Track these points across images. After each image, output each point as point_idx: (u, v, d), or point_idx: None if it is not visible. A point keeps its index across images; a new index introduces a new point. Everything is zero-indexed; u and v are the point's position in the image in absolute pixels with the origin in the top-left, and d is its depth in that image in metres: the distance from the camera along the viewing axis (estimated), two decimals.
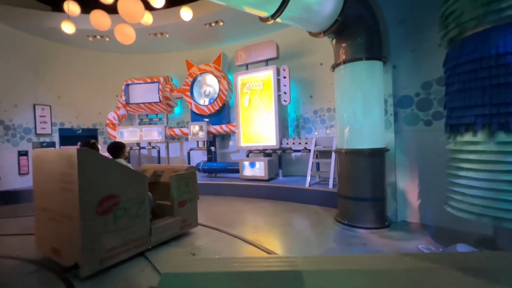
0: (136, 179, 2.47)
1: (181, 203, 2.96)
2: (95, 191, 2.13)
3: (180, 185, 2.94)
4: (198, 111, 6.77)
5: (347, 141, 3.30)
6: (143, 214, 2.49)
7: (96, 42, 6.54)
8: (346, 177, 3.33)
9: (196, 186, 3.17)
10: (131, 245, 2.38)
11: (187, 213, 3.02)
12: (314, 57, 5.82)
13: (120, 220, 2.29)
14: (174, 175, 2.89)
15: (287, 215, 3.97)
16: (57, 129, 6.68)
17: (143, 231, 2.50)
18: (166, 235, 2.77)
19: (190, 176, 3.09)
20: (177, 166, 3.29)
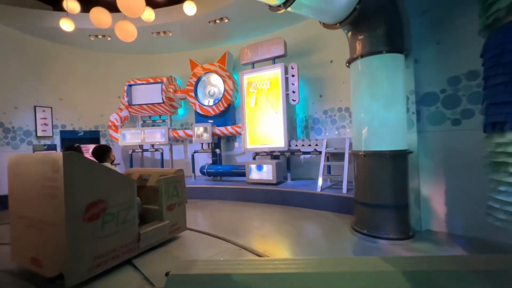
0: (124, 184, 2.39)
1: (170, 207, 2.92)
2: (81, 197, 2.03)
3: (168, 189, 2.89)
4: (202, 112, 6.53)
5: (365, 143, 3.01)
6: (132, 220, 2.43)
7: (98, 42, 6.37)
8: (364, 182, 3.03)
9: (184, 189, 3.15)
10: (119, 251, 2.31)
11: (176, 217, 2.98)
12: (324, 55, 5.54)
13: (108, 226, 2.21)
14: (163, 179, 2.83)
15: (298, 223, 3.68)
16: (59, 132, 6.51)
17: (132, 236, 2.43)
18: (155, 240, 2.71)
19: (178, 179, 3.05)
20: (164, 170, 3.21)
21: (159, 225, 2.74)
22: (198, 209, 4.72)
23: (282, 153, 5.50)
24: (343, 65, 5.40)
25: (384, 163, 2.86)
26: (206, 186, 5.52)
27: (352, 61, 3.18)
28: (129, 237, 2.41)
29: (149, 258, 2.55)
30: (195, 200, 5.33)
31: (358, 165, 3.14)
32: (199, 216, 4.38)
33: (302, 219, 3.81)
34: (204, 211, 4.53)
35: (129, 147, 6.89)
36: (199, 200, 5.36)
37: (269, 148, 5.48)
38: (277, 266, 0.93)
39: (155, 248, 2.75)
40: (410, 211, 2.99)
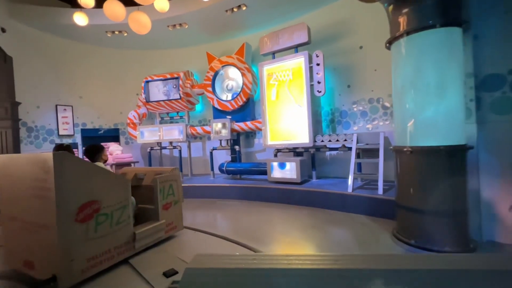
0: (118, 183, 2.36)
1: (166, 206, 2.89)
2: (73, 197, 1.99)
3: (164, 188, 2.87)
4: (220, 107, 6.25)
5: (412, 137, 2.53)
6: (126, 220, 2.40)
7: (114, 38, 6.27)
8: (411, 183, 2.56)
9: (180, 188, 3.13)
10: (114, 252, 2.28)
11: (172, 216, 2.96)
12: (352, 40, 5.00)
13: (102, 226, 2.18)
14: (158, 178, 2.80)
15: (328, 228, 3.27)
16: (79, 130, 6.54)
17: (127, 237, 2.41)
18: (151, 240, 2.67)
19: (174, 178, 3.03)
20: (160, 168, 3.22)
21: (155, 225, 2.70)
22: (217, 209, 4.45)
23: (306, 150, 5.08)
24: (375, 50, 4.93)
25: (437, 161, 2.38)
26: (225, 185, 5.24)
27: (394, 40, 2.69)
28: (124, 237, 2.37)
29: (145, 258, 2.51)
30: (214, 200, 5.08)
31: (402, 163, 2.67)
32: (218, 217, 4.10)
33: (332, 224, 3.40)
34: (223, 212, 4.25)
35: (148, 145, 6.79)
36: (218, 199, 5.10)
37: (292, 145, 5.07)
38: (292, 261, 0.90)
39: (151, 248, 2.70)
40: (469, 219, 2.48)
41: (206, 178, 6.20)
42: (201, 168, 7.06)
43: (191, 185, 5.46)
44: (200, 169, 7.05)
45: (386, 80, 4.61)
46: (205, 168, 7.00)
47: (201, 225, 3.59)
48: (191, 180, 6.04)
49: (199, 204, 4.82)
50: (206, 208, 4.56)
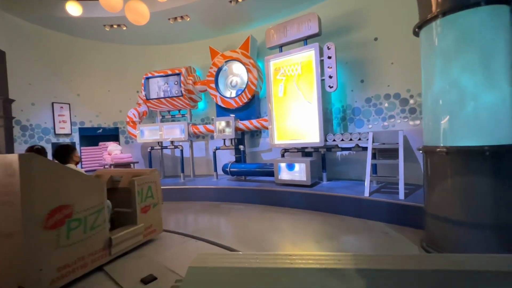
0: (92, 186, 2.24)
1: (144, 209, 2.79)
2: (42, 203, 1.84)
3: (142, 190, 2.77)
4: (224, 105, 5.92)
5: (448, 136, 2.17)
6: (101, 224, 2.28)
7: (113, 32, 5.98)
8: (446, 189, 2.20)
9: (159, 190, 3.03)
10: (88, 259, 2.16)
11: (151, 219, 2.86)
12: (366, 32, 4.64)
13: (74, 232, 2.05)
14: (136, 179, 2.70)
15: (346, 238, 2.92)
16: (77, 129, 6.26)
17: (102, 242, 2.29)
18: (128, 245, 2.55)
19: (153, 179, 2.93)
20: (138, 170, 3.11)
21: (133, 229, 2.60)
22: (221, 214, 4.13)
23: (316, 150, 4.73)
24: (391, 41, 4.48)
25: (479, 163, 2.02)
26: (229, 187, 4.92)
27: (425, 24, 2.33)
28: (99, 243, 2.26)
29: (122, 264, 2.38)
30: (218, 203, 4.75)
31: (434, 165, 2.31)
32: (222, 223, 3.78)
33: (350, 233, 3.05)
34: (228, 218, 3.92)
35: (148, 145, 6.49)
36: (222, 203, 4.78)
37: (301, 144, 4.72)
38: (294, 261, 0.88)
39: (129, 253, 2.57)
40: None
41: (209, 179, 5.88)
42: (203, 168, 6.74)
43: (193, 187, 5.15)
44: (202, 169, 6.74)
45: (404, 73, 4.24)
46: (208, 168, 6.69)
47: (203, 232, 3.27)
48: (193, 181, 5.73)
49: (202, 208, 4.51)
50: (210, 212, 4.24)
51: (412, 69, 4.16)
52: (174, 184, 5.45)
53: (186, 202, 4.97)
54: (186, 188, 5.18)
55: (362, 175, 4.70)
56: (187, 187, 5.19)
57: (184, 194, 5.12)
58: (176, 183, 5.57)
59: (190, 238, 3.00)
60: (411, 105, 4.21)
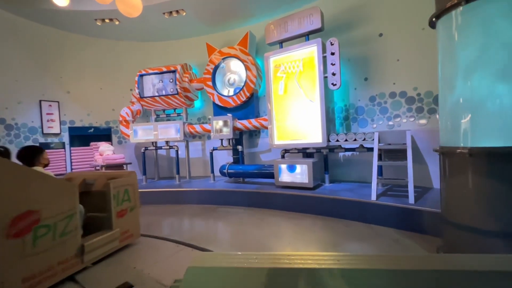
0: (62, 190, 2.10)
1: (120, 213, 2.67)
2: (3, 209, 1.69)
3: (118, 193, 2.64)
4: (221, 104, 5.69)
5: (471, 136, 1.97)
6: (73, 230, 2.15)
7: (106, 28, 5.70)
8: (468, 194, 1.99)
9: (137, 193, 2.90)
10: (57, 268, 2.01)
11: (127, 223, 2.74)
12: (370, 27, 4.44)
13: (43, 240, 1.90)
14: (111, 182, 2.57)
15: (353, 246, 2.71)
16: (67, 128, 5.97)
17: (73, 250, 2.16)
18: (103, 251, 2.43)
19: (129, 182, 2.81)
20: (113, 172, 3.04)
21: (108, 234, 2.47)
22: (218, 219, 3.89)
23: (318, 151, 4.52)
24: (397, 37, 4.19)
25: (509, 166, 1.81)
26: (227, 189, 4.68)
27: (443, 14, 2.12)
28: (71, 250, 2.13)
29: (96, 272, 2.26)
30: (215, 207, 4.51)
31: (454, 168, 2.10)
32: (219, 229, 3.54)
33: (357, 240, 2.84)
34: (226, 223, 3.69)
35: (142, 145, 6.22)
36: (219, 206, 4.54)
37: (303, 145, 4.51)
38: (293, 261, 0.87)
39: (104, 260, 2.45)
40: None
41: (205, 181, 5.63)
42: (200, 170, 6.49)
43: (189, 189, 4.90)
44: (199, 171, 6.49)
45: (411, 71, 4.06)
46: (205, 170, 6.44)
47: (199, 238, 3.04)
48: (189, 183, 5.48)
49: (198, 212, 4.26)
50: (206, 216, 4.00)
51: (419, 66, 3.97)
52: (169, 186, 5.20)
53: (181, 205, 4.73)
54: (181, 191, 4.92)
55: (365, 177, 4.52)
56: (182, 190, 4.94)
57: (179, 196, 4.87)
58: (171, 185, 5.32)
59: (171, 242, 2.88)
60: (417, 104, 4.02)
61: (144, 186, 5.46)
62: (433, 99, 3.87)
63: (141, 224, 3.85)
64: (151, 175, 6.37)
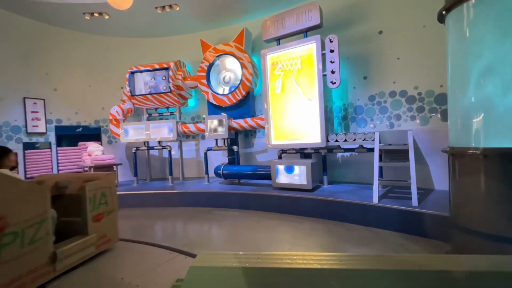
0: (31, 194, 1.98)
1: (97, 217, 2.56)
2: None
3: (95, 196, 2.55)
4: (216, 102, 5.50)
5: (485, 136, 1.85)
6: (44, 237, 2.03)
7: (95, 22, 5.44)
8: (482, 198, 1.88)
9: (115, 196, 2.81)
10: (26, 278, 1.89)
11: (105, 228, 2.63)
12: (370, 25, 4.34)
13: (9, 248, 1.77)
14: (87, 185, 2.48)
15: (359, 251, 2.57)
16: (53, 127, 5.68)
17: (44, 258, 2.03)
18: (77, 258, 2.32)
19: (107, 184, 2.71)
20: (90, 174, 2.93)
21: (83, 240, 2.36)
22: (213, 222, 3.71)
23: (316, 151, 4.38)
24: (397, 35, 4.05)
25: None
26: (222, 191, 4.50)
27: (454, 7, 2.01)
28: (41, 258, 2.01)
29: (70, 280, 2.14)
30: (209, 209, 4.33)
31: (466, 170, 1.99)
32: (214, 233, 3.37)
33: (359, 245, 2.71)
34: (221, 226, 3.51)
35: (133, 145, 5.98)
36: (213, 208, 4.36)
37: (301, 145, 4.37)
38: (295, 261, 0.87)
39: (79, 267, 2.33)
40: None
41: (199, 182, 5.44)
42: (194, 171, 6.29)
43: (182, 191, 4.70)
44: (192, 172, 6.28)
45: (411, 69, 3.97)
46: (199, 171, 6.25)
47: (193, 244, 2.85)
48: (182, 185, 5.28)
49: (192, 215, 4.07)
50: (200, 220, 3.82)
51: (420, 65, 3.88)
52: (161, 188, 4.99)
53: (174, 208, 4.52)
54: (174, 193, 4.72)
55: (363, 178, 4.42)
56: (175, 192, 4.73)
57: (172, 199, 4.67)
58: (163, 187, 5.11)
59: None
60: (418, 104, 3.93)
61: (135, 187, 5.23)
62: (435, 98, 3.79)
63: (131, 229, 3.68)
64: (142, 176, 6.13)
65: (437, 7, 2.18)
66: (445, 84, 3.67)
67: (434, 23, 3.75)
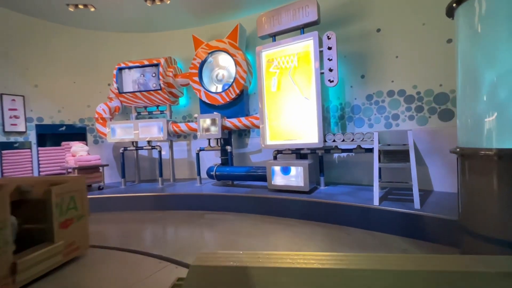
0: None
1: (65, 224, 2.40)
2: None
3: (62, 201, 2.39)
4: (209, 101, 5.30)
5: (499, 136, 1.74)
6: (1, 247, 1.88)
7: (80, 15, 5.14)
8: (496, 203, 1.77)
9: (86, 200, 2.66)
10: None
11: (73, 235, 2.47)
12: (368, 23, 4.24)
13: None
14: (54, 188, 2.33)
15: None
16: (34, 126, 5.33)
17: (3, 269, 1.88)
18: (42, 268, 2.14)
19: (76, 188, 2.57)
20: (57, 177, 2.77)
21: (47, 249, 2.20)
22: (206, 226, 3.51)
23: (313, 151, 4.25)
24: (396, 33, 3.93)
25: None
26: (215, 193, 4.30)
27: None
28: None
29: None
30: (202, 213, 4.13)
31: (477, 171, 1.88)
32: (207, 239, 3.17)
33: (362, 250, 2.57)
34: (215, 231, 3.32)
35: (121, 145, 5.70)
36: (206, 212, 4.15)
37: (298, 145, 4.22)
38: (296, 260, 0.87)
39: (45, 277, 2.16)
40: None
41: (191, 184, 5.22)
42: (185, 172, 6.06)
43: (173, 194, 4.48)
44: (184, 173, 6.05)
45: (410, 68, 3.88)
46: (190, 172, 6.01)
47: (185, 251, 2.65)
48: (173, 187, 5.04)
49: (184, 218, 3.86)
50: (192, 224, 3.61)
51: (419, 64, 3.80)
52: (150, 191, 4.73)
53: (164, 211, 4.29)
54: (164, 195, 4.49)
55: (360, 179, 4.33)
56: (165, 194, 4.50)
57: (162, 202, 4.43)
58: (153, 189, 4.86)
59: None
60: (417, 103, 3.85)
61: (122, 190, 4.96)
62: (434, 98, 3.71)
63: (117, 235, 3.44)
64: (131, 178, 5.85)
65: (437, 4, 2.08)
66: (445, 83, 3.62)
67: (434, 21, 3.71)
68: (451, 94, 3.57)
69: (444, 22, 3.50)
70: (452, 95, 3.56)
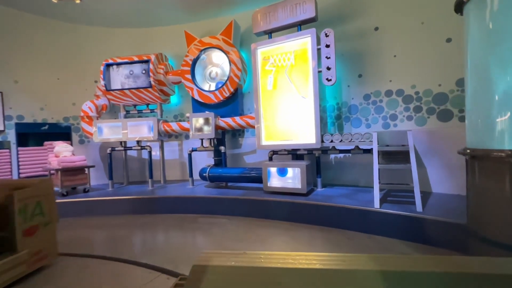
0: None
1: (29, 231, 2.25)
2: None
3: (26, 207, 2.24)
4: (202, 99, 5.11)
5: (503, 137, 1.65)
6: None
7: (64, 8, 4.85)
8: (509, 206, 1.68)
9: (53, 205, 2.51)
10: None
11: (40, 242, 2.33)
12: (365, 21, 4.16)
13: None
14: (16, 193, 2.17)
15: None
16: (13, 124, 4.99)
17: None
18: (4, 280, 2.00)
19: (43, 192, 2.42)
20: (20, 181, 2.64)
21: (8, 259, 2.05)
22: (199, 231, 3.33)
23: (309, 152, 4.13)
24: (394, 32, 3.85)
25: None
26: (208, 196, 4.12)
27: None
28: None
29: None
30: (195, 216, 3.94)
31: (488, 174, 1.79)
32: (201, 245, 2.99)
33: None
34: (208, 236, 3.14)
35: (109, 145, 5.43)
36: (199, 215, 3.97)
37: (294, 145, 4.09)
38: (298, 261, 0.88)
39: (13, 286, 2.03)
40: None
41: (183, 186, 5.01)
42: (176, 173, 5.84)
43: (163, 196, 4.26)
44: (175, 174, 5.83)
45: (409, 67, 3.82)
46: (182, 173, 5.80)
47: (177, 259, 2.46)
48: (164, 189, 4.82)
49: (175, 223, 3.66)
50: (184, 228, 3.42)
51: (417, 63, 3.74)
52: (140, 193, 4.50)
53: (154, 215, 4.07)
54: (154, 198, 4.27)
55: (358, 180, 4.25)
56: (156, 197, 4.28)
57: (152, 205, 4.21)
58: (142, 192, 4.62)
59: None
60: (416, 103, 3.79)
61: (110, 192, 4.70)
62: (433, 98, 3.66)
63: (102, 242, 3.21)
64: (119, 179, 5.57)
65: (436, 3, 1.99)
66: (444, 83, 3.56)
67: (433, 19, 3.65)
68: (450, 94, 3.52)
69: (444, 21, 3.48)
70: (451, 95, 3.51)
